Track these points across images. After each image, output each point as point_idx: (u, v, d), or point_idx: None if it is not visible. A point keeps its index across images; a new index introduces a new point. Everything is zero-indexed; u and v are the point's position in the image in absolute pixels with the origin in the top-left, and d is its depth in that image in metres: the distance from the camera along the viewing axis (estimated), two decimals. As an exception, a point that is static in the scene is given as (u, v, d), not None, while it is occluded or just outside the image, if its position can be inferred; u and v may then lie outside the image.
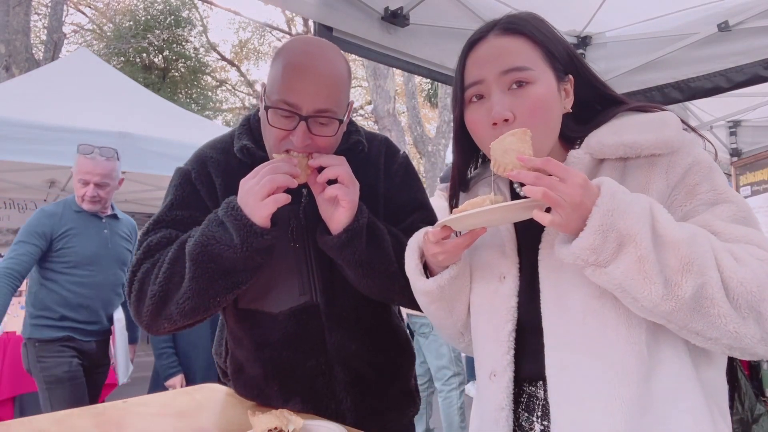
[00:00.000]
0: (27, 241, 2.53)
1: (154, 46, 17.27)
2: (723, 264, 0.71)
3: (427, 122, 16.15)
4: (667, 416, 0.75)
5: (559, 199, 0.70)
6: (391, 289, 1.07)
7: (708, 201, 0.80)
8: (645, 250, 0.69)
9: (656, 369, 0.77)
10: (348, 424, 1.02)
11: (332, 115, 1.01)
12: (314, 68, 1.00)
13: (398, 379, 1.22)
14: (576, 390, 0.79)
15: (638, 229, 0.70)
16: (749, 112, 4.06)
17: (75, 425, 1.02)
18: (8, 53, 9.60)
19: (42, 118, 3.68)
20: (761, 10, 2.34)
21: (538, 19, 0.90)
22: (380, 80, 9.46)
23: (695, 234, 0.73)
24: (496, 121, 0.83)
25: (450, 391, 3.32)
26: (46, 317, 2.58)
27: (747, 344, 0.71)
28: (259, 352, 1.13)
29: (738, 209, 0.79)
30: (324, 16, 2.07)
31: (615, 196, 0.71)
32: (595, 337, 0.78)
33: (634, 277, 0.70)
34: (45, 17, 15.04)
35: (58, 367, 2.54)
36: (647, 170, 0.83)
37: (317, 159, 1.01)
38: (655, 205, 0.74)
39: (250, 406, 1.11)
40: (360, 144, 1.18)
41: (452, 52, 2.59)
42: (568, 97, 0.88)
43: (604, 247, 0.71)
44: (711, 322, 0.71)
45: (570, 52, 0.89)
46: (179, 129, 4.56)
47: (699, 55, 2.60)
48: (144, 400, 1.19)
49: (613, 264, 0.71)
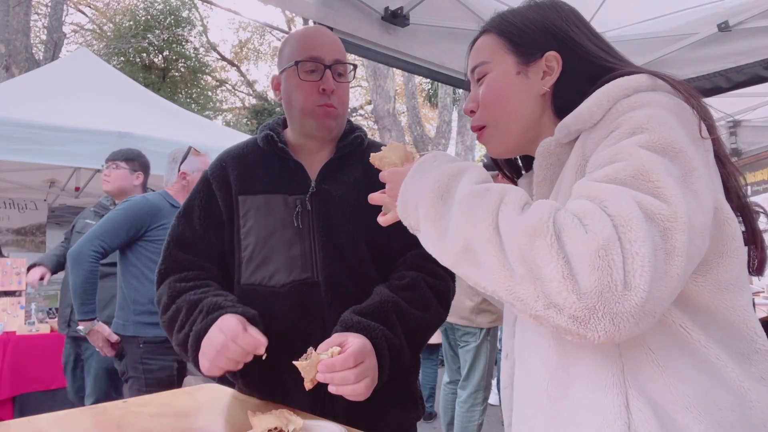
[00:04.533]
0: (129, 225, 2.49)
1: (154, 46, 17.27)
2: (503, 214, 0.64)
3: (427, 122, 16.15)
4: (577, 422, 0.72)
5: (384, 197, 0.86)
6: (433, 327, 1.20)
7: (599, 164, 0.69)
8: (428, 207, 0.72)
9: (568, 371, 0.74)
10: (342, 406, 1.03)
11: (346, 61, 1.24)
12: (323, 30, 1.32)
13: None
14: (518, 375, 0.84)
15: (428, 188, 0.73)
16: (749, 112, 4.07)
17: (75, 425, 1.02)
18: (8, 53, 9.60)
19: (42, 118, 3.67)
20: (761, 10, 2.34)
21: (515, 10, 0.90)
22: (380, 80, 9.46)
23: (488, 189, 0.68)
24: (467, 113, 0.93)
25: (473, 406, 3.31)
26: (152, 312, 2.47)
27: (537, 310, 0.61)
28: (262, 324, 1.15)
29: (623, 168, 0.65)
30: (324, 16, 2.07)
31: (419, 166, 0.77)
32: (527, 331, 0.82)
33: (426, 234, 0.72)
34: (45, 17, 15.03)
35: (162, 371, 2.48)
36: (573, 149, 0.78)
37: (326, 377, 0.95)
38: (469, 168, 0.74)
39: (251, 406, 1.12)
40: (359, 138, 1.29)
41: (452, 52, 2.60)
42: (548, 75, 0.84)
43: (408, 212, 0.76)
44: (490, 279, 0.64)
45: (546, 28, 0.86)
46: (179, 129, 4.56)
47: (699, 55, 2.61)
48: (144, 400, 1.19)
49: (420, 226, 0.74)
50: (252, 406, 1.06)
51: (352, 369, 0.93)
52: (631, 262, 0.57)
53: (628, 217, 0.59)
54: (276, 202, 1.20)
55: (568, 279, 0.58)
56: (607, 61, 0.83)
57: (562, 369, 0.74)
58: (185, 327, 1.13)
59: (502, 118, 0.87)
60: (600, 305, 0.57)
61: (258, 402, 1.16)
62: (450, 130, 11.17)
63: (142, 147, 3.91)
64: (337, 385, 0.92)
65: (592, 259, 0.57)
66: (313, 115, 1.19)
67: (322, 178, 1.22)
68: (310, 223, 1.18)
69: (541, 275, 0.59)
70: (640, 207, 0.60)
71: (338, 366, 0.92)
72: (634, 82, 0.74)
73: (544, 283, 0.59)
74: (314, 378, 0.93)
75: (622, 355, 0.70)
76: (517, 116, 0.86)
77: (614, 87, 0.74)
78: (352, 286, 1.17)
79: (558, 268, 0.58)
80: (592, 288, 0.57)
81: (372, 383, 0.98)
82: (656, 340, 0.69)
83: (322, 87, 1.17)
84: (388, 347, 1.04)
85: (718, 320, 0.70)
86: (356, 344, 0.96)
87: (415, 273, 1.17)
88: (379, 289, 1.14)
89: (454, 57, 2.55)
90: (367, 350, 0.99)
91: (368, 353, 0.99)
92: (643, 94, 0.73)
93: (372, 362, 0.99)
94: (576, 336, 0.60)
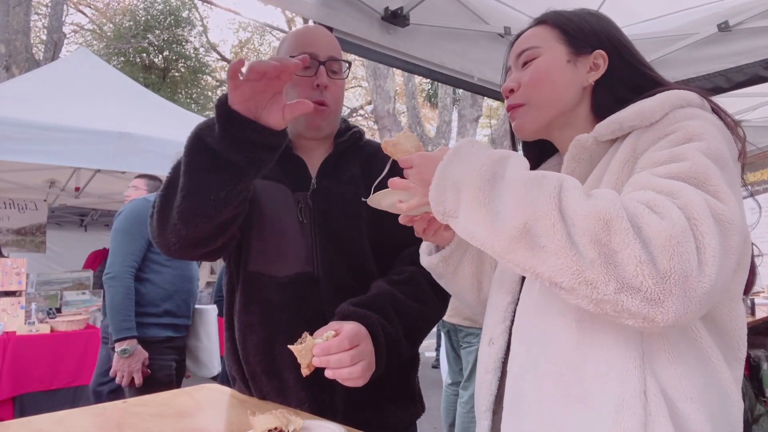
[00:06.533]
0: (140, 234, 2.52)
1: (154, 46, 17.27)
2: (566, 199, 0.65)
3: (427, 122, 16.14)
4: (590, 404, 0.73)
5: (407, 182, 0.82)
6: (432, 321, 1.20)
7: (658, 161, 0.73)
8: (476, 190, 0.70)
9: (587, 354, 0.74)
10: (339, 400, 1.03)
11: (341, 59, 1.24)
12: (319, 28, 1.31)
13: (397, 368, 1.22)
14: (516, 359, 0.83)
15: (473, 171, 0.72)
16: (749, 112, 4.07)
17: (75, 425, 1.02)
18: (8, 53, 9.60)
19: (42, 118, 3.67)
20: (761, 10, 2.34)
21: (571, 10, 0.96)
22: (380, 80, 9.46)
23: (544, 176, 0.68)
24: (506, 94, 0.95)
25: (473, 408, 3.29)
26: (151, 314, 2.54)
27: (606, 294, 0.62)
28: (264, 314, 1.17)
29: (686, 168, 0.68)
30: (324, 17, 2.07)
31: (458, 150, 0.77)
32: (535, 316, 0.82)
33: (471, 218, 0.70)
34: (45, 17, 15.04)
35: (161, 371, 2.51)
36: (623, 143, 0.81)
37: (322, 360, 0.93)
38: (512, 155, 0.75)
39: (251, 406, 1.12)
40: (356, 134, 1.31)
41: (452, 52, 2.60)
42: (594, 70, 0.90)
43: (445, 195, 0.74)
44: (551, 262, 0.63)
45: (600, 30, 0.92)
46: (179, 129, 4.54)
47: (699, 55, 2.61)
48: (144, 400, 1.19)
49: (459, 211, 0.73)
50: (252, 406, 1.06)
51: (348, 351, 0.92)
52: (703, 251, 0.61)
53: (699, 211, 0.63)
54: (281, 193, 1.21)
55: (646, 263, 0.60)
56: (647, 73, 0.90)
57: (580, 351, 0.74)
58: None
59: (544, 99, 0.91)
60: (676, 288, 0.60)
61: (258, 402, 1.16)
62: (450, 130, 11.17)
63: (142, 147, 3.92)
64: (333, 369, 0.92)
65: (672, 244, 0.60)
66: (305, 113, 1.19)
67: (321, 174, 1.23)
68: (311, 218, 1.19)
69: (616, 259, 0.61)
70: (707, 204, 0.64)
71: (333, 348, 0.91)
72: (688, 96, 0.80)
73: (618, 267, 0.61)
74: (310, 363, 0.92)
75: (643, 341, 0.72)
76: (558, 100, 0.90)
77: (673, 95, 0.79)
78: (352, 282, 1.17)
79: (635, 252, 0.60)
80: (671, 272, 0.60)
81: (369, 368, 0.97)
82: (673, 332, 0.73)
83: (316, 82, 1.18)
84: (384, 335, 1.04)
85: (719, 326, 0.76)
86: (351, 328, 0.96)
87: (414, 268, 1.17)
88: (378, 283, 1.15)
89: (454, 57, 2.55)
90: (362, 334, 0.98)
91: (363, 337, 0.98)
92: (695, 109, 0.79)
93: (368, 346, 0.99)
94: (642, 319, 0.62)
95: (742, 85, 2.52)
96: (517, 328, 0.85)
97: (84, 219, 8.10)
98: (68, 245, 7.54)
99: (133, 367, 2.44)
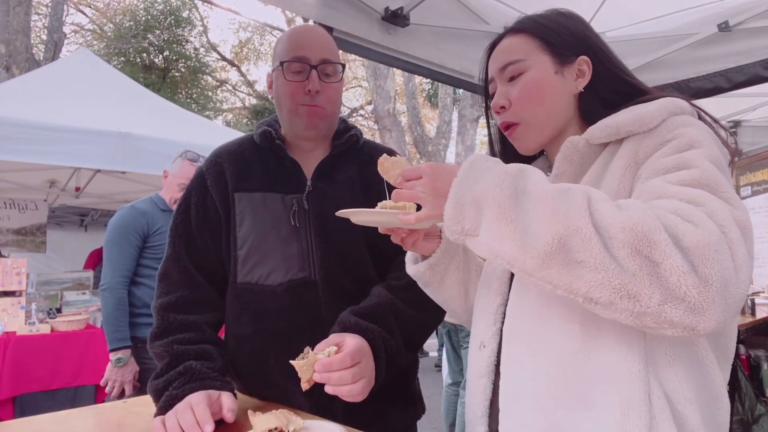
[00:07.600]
0: (128, 243, 2.53)
1: (154, 46, 17.27)
2: (599, 212, 0.64)
3: (427, 122, 16.15)
4: (595, 408, 0.73)
5: (416, 193, 0.77)
6: (431, 327, 1.21)
7: (665, 169, 0.72)
8: (501, 207, 0.67)
9: (590, 357, 0.74)
10: (339, 404, 1.02)
11: (336, 62, 1.21)
12: (314, 29, 1.26)
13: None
14: (515, 362, 0.83)
15: (494, 187, 0.69)
16: (749, 112, 4.07)
17: (75, 425, 1.02)
18: (8, 53, 9.60)
19: (42, 118, 3.67)
20: (761, 10, 2.34)
21: (545, 15, 0.95)
22: (380, 80, 9.46)
23: (569, 188, 0.67)
24: (496, 110, 0.94)
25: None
26: (146, 314, 2.52)
27: (649, 307, 0.61)
28: (258, 324, 1.16)
29: (700, 175, 0.69)
30: (324, 17, 2.07)
31: (473, 165, 0.74)
32: (532, 318, 0.81)
33: (497, 236, 0.67)
34: (45, 17, 15.04)
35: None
36: (621, 149, 0.81)
37: (323, 377, 0.93)
38: (528, 168, 0.73)
39: (251, 406, 1.11)
40: (354, 137, 1.29)
41: (452, 52, 2.60)
42: (580, 77, 0.90)
43: (464, 213, 0.71)
44: (589, 278, 0.62)
45: (579, 33, 0.92)
46: (179, 129, 4.56)
47: (699, 55, 2.61)
48: (144, 400, 1.18)
49: (480, 229, 0.70)
50: (252, 406, 1.06)
51: (349, 369, 0.92)
52: (736, 257, 0.62)
53: (725, 218, 0.64)
54: (272, 201, 1.19)
55: (689, 273, 0.60)
56: (628, 76, 0.90)
57: (583, 355, 0.74)
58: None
59: (540, 117, 0.90)
60: (718, 296, 0.60)
61: (258, 402, 1.16)
62: (450, 130, 11.17)
63: (142, 147, 3.92)
64: (333, 385, 0.91)
65: (711, 253, 0.61)
66: (299, 115, 1.18)
67: (317, 176, 1.22)
68: (306, 221, 1.18)
69: (658, 271, 0.61)
70: (730, 212, 0.66)
71: (335, 365, 0.91)
72: (681, 103, 0.81)
73: (661, 278, 0.60)
74: (311, 378, 0.92)
75: (646, 344, 0.73)
76: (553, 114, 0.90)
77: (670, 102, 0.80)
78: (350, 285, 1.17)
79: (676, 263, 0.60)
80: (713, 280, 0.60)
81: (369, 384, 0.97)
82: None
83: (308, 88, 1.16)
84: (385, 349, 1.04)
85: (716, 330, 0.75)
86: (353, 344, 0.96)
87: None
88: (377, 289, 1.14)
89: (454, 57, 2.55)
90: (364, 351, 0.98)
91: (365, 354, 0.98)
92: (689, 117, 0.80)
93: (369, 363, 0.99)
94: (683, 329, 0.62)
95: (742, 85, 2.52)
96: (509, 329, 0.85)
97: (84, 219, 8.09)
98: (68, 245, 7.53)
99: (126, 378, 2.46)
